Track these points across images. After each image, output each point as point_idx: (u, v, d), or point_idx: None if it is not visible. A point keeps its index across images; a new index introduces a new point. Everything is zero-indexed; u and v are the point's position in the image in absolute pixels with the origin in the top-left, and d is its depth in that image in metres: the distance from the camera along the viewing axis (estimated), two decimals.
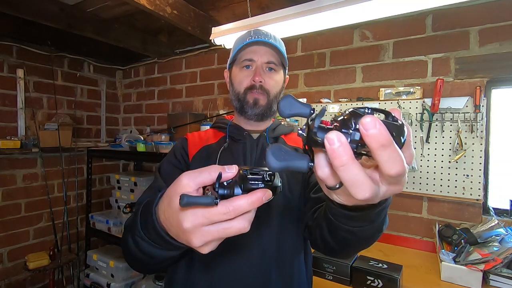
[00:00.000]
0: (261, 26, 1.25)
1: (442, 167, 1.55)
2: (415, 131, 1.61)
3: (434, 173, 1.57)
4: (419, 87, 1.63)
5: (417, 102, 1.61)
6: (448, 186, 1.54)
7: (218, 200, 0.36)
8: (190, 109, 2.62)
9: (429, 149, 1.58)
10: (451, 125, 1.52)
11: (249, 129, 0.89)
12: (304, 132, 0.34)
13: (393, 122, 0.29)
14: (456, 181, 1.52)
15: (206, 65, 2.53)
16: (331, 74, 1.94)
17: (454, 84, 1.57)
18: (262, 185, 0.38)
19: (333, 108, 1.85)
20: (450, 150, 1.53)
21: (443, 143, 1.55)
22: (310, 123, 0.32)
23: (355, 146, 0.29)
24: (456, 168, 1.52)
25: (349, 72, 1.88)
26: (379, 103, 1.72)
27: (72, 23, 1.98)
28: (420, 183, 1.61)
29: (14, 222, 2.33)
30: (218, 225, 0.38)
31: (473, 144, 1.47)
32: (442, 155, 1.55)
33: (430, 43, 1.63)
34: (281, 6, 1.26)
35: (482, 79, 1.51)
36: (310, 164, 0.33)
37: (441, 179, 1.56)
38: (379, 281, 1.23)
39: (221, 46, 1.53)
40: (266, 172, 0.39)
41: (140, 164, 2.94)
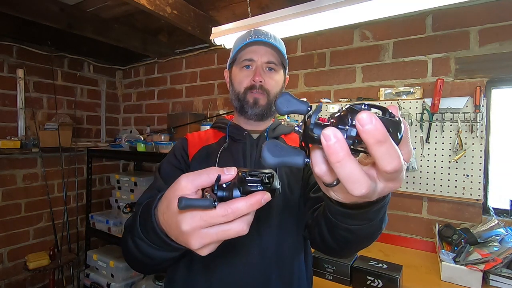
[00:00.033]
0: (261, 26, 1.25)
1: (442, 167, 1.55)
2: (415, 131, 1.61)
3: (434, 173, 1.57)
4: (419, 87, 1.63)
5: (417, 102, 1.61)
6: (448, 186, 1.54)
7: (216, 202, 0.36)
8: (190, 109, 2.62)
9: (429, 149, 1.58)
10: (451, 125, 1.52)
11: (249, 129, 0.89)
12: (300, 128, 0.34)
13: (390, 118, 0.29)
14: (456, 181, 1.52)
15: (206, 65, 2.53)
16: (331, 74, 1.94)
17: (454, 84, 1.57)
18: (261, 187, 0.38)
19: (333, 108, 1.84)
20: (450, 150, 1.53)
21: (443, 143, 1.55)
22: (306, 120, 0.32)
23: (352, 142, 0.29)
24: (456, 168, 1.52)
25: (349, 72, 1.88)
26: (379, 103, 1.71)
27: (72, 23, 1.98)
28: (420, 183, 1.61)
29: (14, 222, 2.33)
30: (217, 227, 0.38)
31: (473, 144, 1.47)
32: (442, 155, 1.55)
33: (430, 43, 1.63)
34: (281, 6, 1.26)
35: (482, 79, 1.51)
36: (306, 159, 0.33)
37: (441, 179, 1.56)
38: (379, 281, 1.23)
39: (221, 46, 1.53)
40: (265, 174, 0.39)
41: (140, 164, 2.94)
